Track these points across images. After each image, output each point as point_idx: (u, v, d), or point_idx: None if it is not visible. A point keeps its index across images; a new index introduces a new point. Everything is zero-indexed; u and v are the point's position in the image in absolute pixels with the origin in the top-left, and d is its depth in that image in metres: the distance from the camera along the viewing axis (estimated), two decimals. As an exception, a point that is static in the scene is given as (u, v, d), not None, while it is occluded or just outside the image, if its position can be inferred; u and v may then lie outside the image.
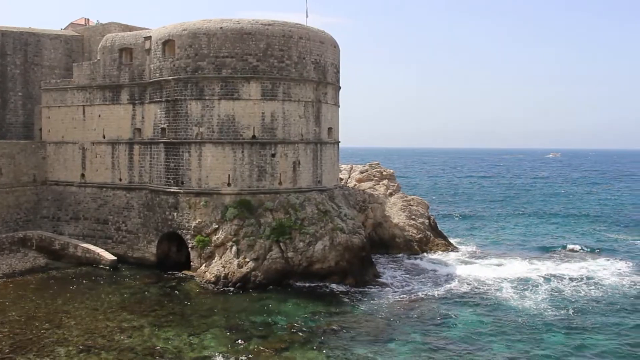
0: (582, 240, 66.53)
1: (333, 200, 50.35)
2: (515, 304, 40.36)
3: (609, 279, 47.17)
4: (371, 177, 64.18)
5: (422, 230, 58.93)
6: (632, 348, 32.51)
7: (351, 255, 46.15)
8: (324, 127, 50.20)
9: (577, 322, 36.63)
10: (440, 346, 32.42)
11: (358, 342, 32.96)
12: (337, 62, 51.97)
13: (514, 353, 31.66)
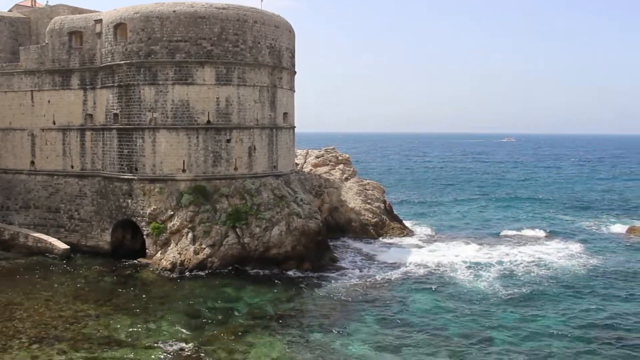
0: (534, 222, 68.27)
1: (289, 185, 50.43)
2: (469, 286, 41.34)
3: (560, 261, 48.58)
4: (327, 162, 64.45)
5: (378, 215, 59.61)
6: (579, 325, 33.71)
7: (308, 240, 46.41)
8: (280, 112, 50.09)
9: (529, 302, 37.75)
10: (397, 328, 33.01)
11: (316, 326, 33.29)
12: (292, 47, 51.80)
13: (468, 332, 32.48)
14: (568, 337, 31.69)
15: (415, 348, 30.20)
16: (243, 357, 28.50)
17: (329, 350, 29.70)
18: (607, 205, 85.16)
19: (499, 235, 59.94)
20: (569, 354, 29.60)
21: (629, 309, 36.84)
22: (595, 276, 44.33)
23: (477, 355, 29.34)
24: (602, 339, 31.56)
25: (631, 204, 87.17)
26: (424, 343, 30.82)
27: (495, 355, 29.39)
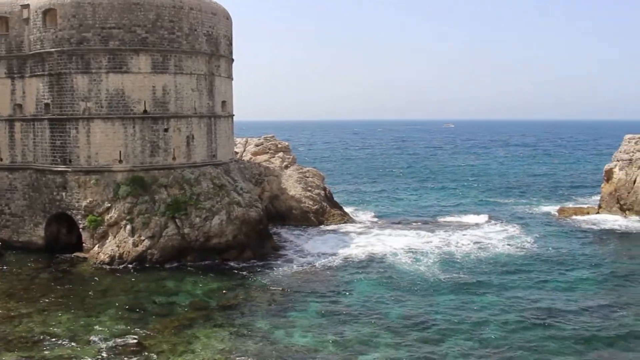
0: (472, 207, 70.24)
1: (229, 174, 50.08)
2: (409, 270, 42.26)
3: (497, 244, 50.22)
4: (266, 150, 64.27)
5: (318, 202, 59.99)
6: (513, 303, 35.18)
7: (249, 228, 46.31)
8: (218, 100, 49.56)
9: (468, 285, 38.93)
10: (339, 314, 33.49)
11: (259, 315, 33.40)
12: (229, 34, 51.23)
13: (408, 315, 33.31)
14: (505, 318, 32.93)
15: (358, 333, 30.74)
16: (186, 349, 28.32)
17: (273, 339, 29.88)
18: (539, 188, 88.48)
19: (438, 220, 61.29)
20: (506, 333, 30.77)
21: (562, 289, 38.56)
22: (530, 257, 46.14)
23: (417, 337, 30.14)
24: (536, 318, 32.93)
25: (561, 186, 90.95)
26: (366, 328, 31.42)
27: (435, 337, 30.27)
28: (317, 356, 27.97)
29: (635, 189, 63.15)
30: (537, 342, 29.44)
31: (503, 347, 28.86)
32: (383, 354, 28.14)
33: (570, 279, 40.47)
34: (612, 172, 65.53)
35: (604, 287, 39.02)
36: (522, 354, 28.10)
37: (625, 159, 64.94)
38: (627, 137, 67.19)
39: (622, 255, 47.64)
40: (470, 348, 28.82)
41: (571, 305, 35.11)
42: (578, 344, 29.34)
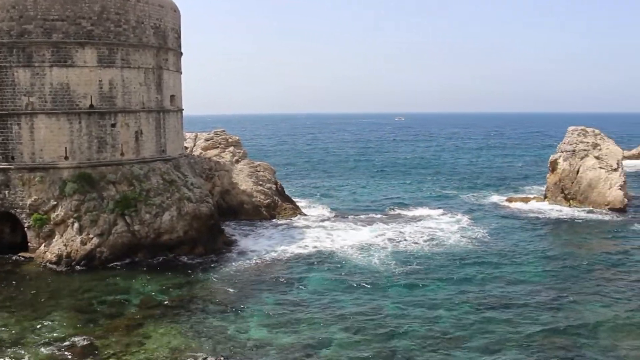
0: (424, 199, 71.16)
1: (179, 169, 49.35)
2: (361, 263, 42.54)
3: (450, 235, 50.96)
4: (217, 144, 63.55)
5: (270, 196, 59.76)
6: (465, 293, 35.93)
7: (200, 224, 45.82)
8: (166, 94, 48.68)
9: (420, 275, 39.55)
10: (292, 307, 33.50)
11: (212, 311, 33.11)
12: (177, 27, 50.35)
13: (361, 306, 33.61)
14: (457, 307, 33.65)
15: (312, 325, 30.89)
16: (139, 349, 27.81)
17: (227, 335, 29.70)
18: (488, 179, 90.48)
19: (391, 213, 61.73)
20: (458, 322, 31.44)
21: (511, 277, 39.55)
22: (481, 247, 47.15)
23: (371, 328, 30.44)
24: (488, 307, 33.75)
25: (508, 177, 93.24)
26: (321, 320, 31.56)
27: (389, 327, 30.63)
28: (272, 350, 27.94)
29: (578, 179, 65.22)
30: (489, 330, 30.19)
31: (455, 336, 29.49)
32: (338, 345, 28.35)
33: (519, 268, 41.57)
34: (557, 163, 67.51)
35: (551, 274, 40.27)
36: (475, 342, 28.76)
37: (569, 150, 66.97)
38: (570, 129, 69.32)
39: (567, 244, 49.17)
40: (424, 337, 29.32)
41: (520, 293, 36.11)
42: (529, 330, 30.21)
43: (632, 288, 37.05)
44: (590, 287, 37.26)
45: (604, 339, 29.18)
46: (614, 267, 42.02)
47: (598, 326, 30.83)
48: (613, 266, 42.15)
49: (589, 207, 62.58)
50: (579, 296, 35.52)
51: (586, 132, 67.86)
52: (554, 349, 28.10)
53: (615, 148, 66.54)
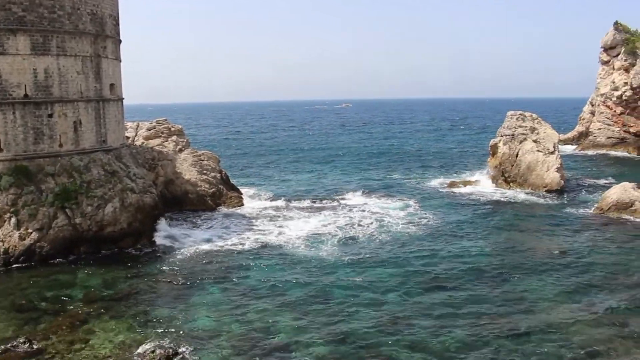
0: (371, 185, 71.61)
1: (120, 160, 48.15)
2: (309, 250, 42.67)
3: (396, 220, 51.54)
4: (159, 133, 62.32)
5: (214, 185, 59.11)
6: (412, 275, 36.70)
7: (144, 215, 44.95)
8: (106, 83, 47.29)
9: (367, 260, 39.98)
10: (240, 297, 33.35)
11: (158, 303, 32.63)
12: (115, 14, 48.87)
13: (310, 292, 33.82)
14: (405, 289, 34.29)
15: (260, 313, 30.84)
16: (84, 346, 27.04)
17: (175, 325, 29.30)
18: (432, 164, 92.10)
19: (338, 200, 61.81)
20: (406, 302, 32.05)
21: (455, 258, 40.57)
22: (426, 230, 48.07)
23: (320, 313, 30.65)
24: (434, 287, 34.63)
25: (451, 161, 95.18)
26: (269, 308, 31.54)
27: (337, 312, 30.90)
28: (220, 339, 27.77)
29: (517, 162, 67.08)
30: (435, 311, 30.89)
31: (403, 318, 30.01)
32: (288, 331, 28.43)
33: (463, 250, 42.57)
34: (497, 147, 69.24)
35: (494, 255, 41.45)
36: (422, 323, 29.33)
37: (508, 134, 68.74)
38: (509, 114, 71.13)
39: (508, 225, 50.60)
40: (372, 320, 29.72)
41: (465, 273, 37.11)
42: (473, 309, 31.07)
43: (568, 265, 38.59)
44: (531, 266, 38.57)
45: (544, 316, 30.31)
46: (552, 246, 43.56)
47: (539, 303, 32.01)
48: (553, 246, 43.68)
49: (528, 189, 64.55)
50: (521, 275, 36.73)
51: (524, 116, 69.76)
52: (498, 326, 28.98)
53: (551, 132, 68.67)
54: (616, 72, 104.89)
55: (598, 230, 47.92)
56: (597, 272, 37.17)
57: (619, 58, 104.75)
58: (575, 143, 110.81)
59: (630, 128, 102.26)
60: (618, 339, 27.52)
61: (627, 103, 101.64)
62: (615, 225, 49.56)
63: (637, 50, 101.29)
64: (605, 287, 34.41)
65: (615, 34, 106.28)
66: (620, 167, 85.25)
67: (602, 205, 54.43)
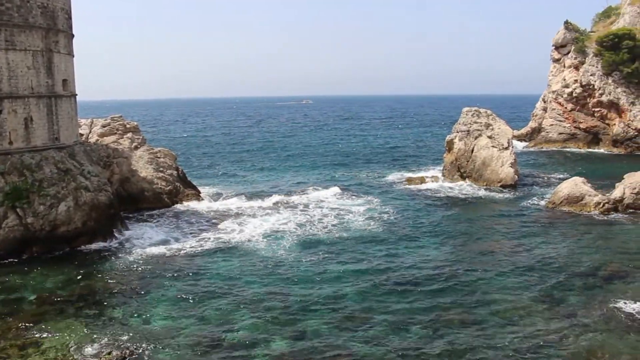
0: (330, 182, 71.77)
1: (74, 157, 47.06)
2: (268, 248, 42.51)
3: (355, 217, 51.76)
4: (114, 130, 61.16)
5: (171, 182, 58.37)
6: (370, 271, 36.90)
7: (99, 214, 44.06)
8: (58, 79, 46.12)
9: (326, 258, 40.05)
10: (198, 295, 33.02)
11: (114, 303, 32.06)
12: (68, 7, 47.69)
13: (268, 290, 33.71)
14: (362, 286, 34.44)
15: (218, 311, 30.61)
16: (37, 350, 26.25)
17: (131, 325, 28.89)
18: (389, 160, 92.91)
19: (296, 197, 61.54)
20: (364, 299, 32.24)
21: (413, 253, 41.02)
22: (384, 226, 48.40)
23: (278, 311, 30.59)
24: (392, 284, 34.85)
25: (408, 157, 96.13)
26: (226, 306, 31.35)
27: (296, 307, 30.95)
28: (178, 337, 27.46)
29: (473, 158, 68.19)
30: (393, 308, 31.13)
31: (361, 315, 30.17)
32: (246, 329, 28.29)
33: (420, 246, 43.09)
34: (453, 143, 70.24)
35: (450, 250, 42.06)
36: (380, 319, 29.54)
37: (464, 130, 69.81)
38: (465, 110, 72.22)
39: (464, 220, 51.42)
40: (331, 317, 29.81)
41: (423, 270, 37.50)
42: (430, 305, 31.43)
43: (522, 258, 39.49)
44: (486, 260, 39.33)
45: (499, 307, 30.91)
46: (508, 241, 44.50)
47: (493, 296, 32.64)
48: (507, 240, 44.63)
49: (483, 185, 65.73)
50: (476, 268, 37.41)
51: (479, 113, 70.94)
52: (455, 319, 29.46)
53: (506, 128, 70.02)
54: (567, 69, 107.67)
55: (550, 224, 49.14)
56: (549, 264, 38.14)
57: (569, 56, 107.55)
58: (528, 139, 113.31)
59: (580, 124, 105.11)
60: (570, 327, 28.31)
61: (577, 100, 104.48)
62: (566, 218, 50.92)
63: (586, 49, 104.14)
64: (557, 279, 35.34)
65: (566, 33, 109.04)
66: (571, 162, 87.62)
67: (554, 200, 55.82)
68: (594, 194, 54.28)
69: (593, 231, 46.43)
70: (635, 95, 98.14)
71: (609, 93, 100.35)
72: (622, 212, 52.35)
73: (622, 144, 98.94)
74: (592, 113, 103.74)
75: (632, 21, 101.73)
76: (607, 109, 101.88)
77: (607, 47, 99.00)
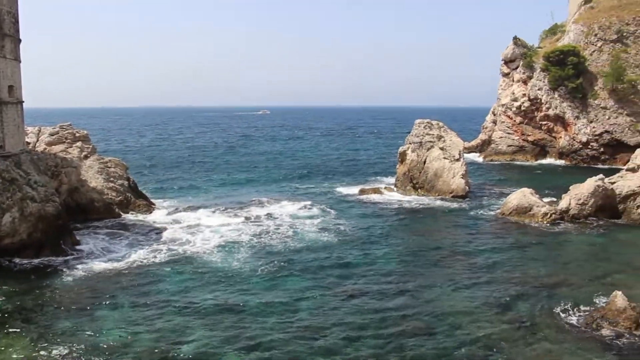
0: (285, 193, 71.57)
1: (20, 166, 45.68)
2: (222, 260, 41.96)
3: (309, 229, 51.53)
4: (63, 139, 59.70)
5: (122, 193, 57.29)
6: (324, 283, 36.93)
7: (46, 225, 42.83)
8: (4, 85, 44.76)
9: (280, 269, 39.76)
10: (149, 307, 32.41)
11: (62, 317, 31.14)
12: (15, 11, 46.42)
13: (222, 301, 33.35)
14: (317, 297, 34.39)
15: (171, 324, 30.06)
16: (-22, 364, 25.47)
17: (80, 340, 28.05)
18: (343, 171, 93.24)
19: (252, 209, 60.65)
20: (318, 311, 32.17)
21: (365, 265, 41.12)
22: (338, 238, 48.35)
23: (232, 322, 30.29)
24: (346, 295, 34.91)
25: (362, 168, 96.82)
26: (179, 318, 30.86)
27: (250, 319, 30.69)
28: (128, 352, 26.84)
29: (425, 169, 69.18)
30: (347, 319, 31.16)
31: (316, 327, 30.11)
32: (200, 342, 27.87)
33: (374, 257, 43.24)
34: (405, 154, 71.14)
35: (404, 261, 42.38)
36: (334, 331, 29.56)
37: (416, 141, 70.81)
38: (417, 122, 73.30)
39: (417, 231, 52.03)
40: (285, 329, 29.65)
41: (376, 281, 37.71)
42: (384, 316, 31.61)
43: (472, 267, 40.21)
44: (437, 269, 39.91)
45: (449, 315, 31.39)
46: (458, 250, 45.19)
47: (443, 303, 33.10)
48: (458, 249, 45.33)
49: (435, 195, 66.73)
50: (427, 277, 37.91)
51: (431, 124, 72.08)
52: (406, 327, 29.77)
53: (457, 140, 71.32)
54: (516, 84, 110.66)
55: (500, 234, 50.20)
56: (498, 273, 38.94)
57: (518, 71, 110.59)
58: (479, 151, 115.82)
59: (529, 137, 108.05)
60: (518, 334, 28.96)
61: (525, 113, 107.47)
62: (515, 228, 52.12)
63: (533, 64, 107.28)
64: (506, 287, 36.08)
65: (515, 48, 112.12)
66: (520, 173, 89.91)
67: (503, 210, 57.07)
68: (541, 205, 55.73)
69: (541, 241, 47.63)
70: (579, 109, 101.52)
71: (555, 107, 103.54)
72: (568, 221, 53.92)
73: (567, 156, 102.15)
74: (540, 126, 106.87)
75: (576, 38, 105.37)
76: (553, 122, 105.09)
77: (554, 62, 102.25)
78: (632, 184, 56.02)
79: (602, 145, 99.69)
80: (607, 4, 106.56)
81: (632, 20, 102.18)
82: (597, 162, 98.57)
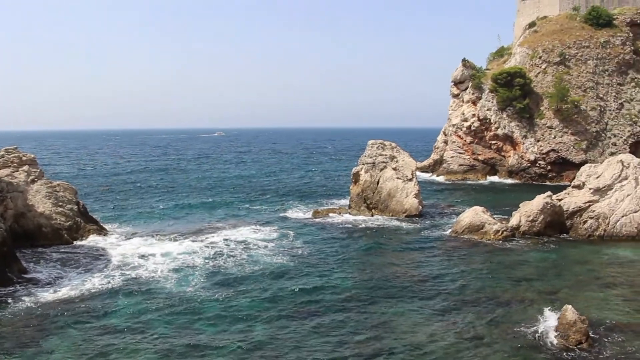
0: (238, 217, 70.84)
1: (-37, 193, 44.20)
2: (175, 285, 41.10)
3: (264, 251, 50.97)
4: (8, 163, 57.98)
5: (71, 217, 55.89)
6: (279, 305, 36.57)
7: (-9, 253, 41.36)
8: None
9: (235, 293, 39.19)
10: (101, 337, 31.53)
11: (7, 350, 29.89)
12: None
13: (175, 327, 32.76)
14: (271, 318, 34.10)
15: (123, 352, 29.33)
16: None
17: (27, 373, 27.05)
18: (296, 193, 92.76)
19: (206, 232, 59.71)
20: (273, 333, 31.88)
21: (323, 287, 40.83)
22: (293, 260, 48.06)
23: (184, 346, 29.76)
24: (303, 317, 34.71)
25: (315, 190, 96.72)
26: (132, 346, 30.10)
27: (204, 343, 30.17)
28: (79, 384, 26.00)
29: (379, 189, 69.80)
30: (302, 341, 30.94)
31: (271, 349, 29.83)
32: (152, 372, 27.23)
33: (329, 278, 43.07)
34: (359, 175, 71.65)
35: (359, 282, 42.35)
36: (291, 354, 29.29)
37: (370, 162, 71.46)
38: (370, 143, 74.06)
39: (372, 251, 52.15)
40: (239, 352, 29.29)
41: (332, 302, 37.58)
42: (341, 338, 31.52)
43: (429, 287, 40.46)
44: (393, 289, 39.96)
45: (407, 336, 31.45)
46: (413, 269, 45.55)
47: (401, 324, 33.20)
48: (412, 268, 45.69)
49: (389, 215, 67.27)
50: (384, 298, 37.95)
51: (384, 145, 72.94)
52: (364, 350, 29.65)
53: (409, 160, 72.31)
54: (465, 104, 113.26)
55: (453, 252, 50.87)
56: (452, 290, 39.38)
57: (467, 92, 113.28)
58: (431, 170, 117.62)
59: (479, 156, 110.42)
60: (473, 350, 29.24)
61: (475, 133, 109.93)
62: (468, 246, 52.91)
63: (482, 85, 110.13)
64: (460, 304, 36.49)
65: (464, 70, 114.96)
66: (471, 192, 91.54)
67: (456, 228, 57.94)
68: (493, 222, 56.82)
69: (493, 258, 48.46)
70: (527, 129, 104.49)
71: (504, 127, 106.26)
72: (519, 238, 55.13)
73: (517, 174, 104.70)
74: (490, 145, 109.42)
75: (522, 60, 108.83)
76: (502, 141, 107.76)
77: (501, 84, 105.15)
78: (578, 201, 57.77)
79: (549, 164, 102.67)
80: (550, 28, 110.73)
81: (573, 44, 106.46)
82: (545, 180, 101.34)
